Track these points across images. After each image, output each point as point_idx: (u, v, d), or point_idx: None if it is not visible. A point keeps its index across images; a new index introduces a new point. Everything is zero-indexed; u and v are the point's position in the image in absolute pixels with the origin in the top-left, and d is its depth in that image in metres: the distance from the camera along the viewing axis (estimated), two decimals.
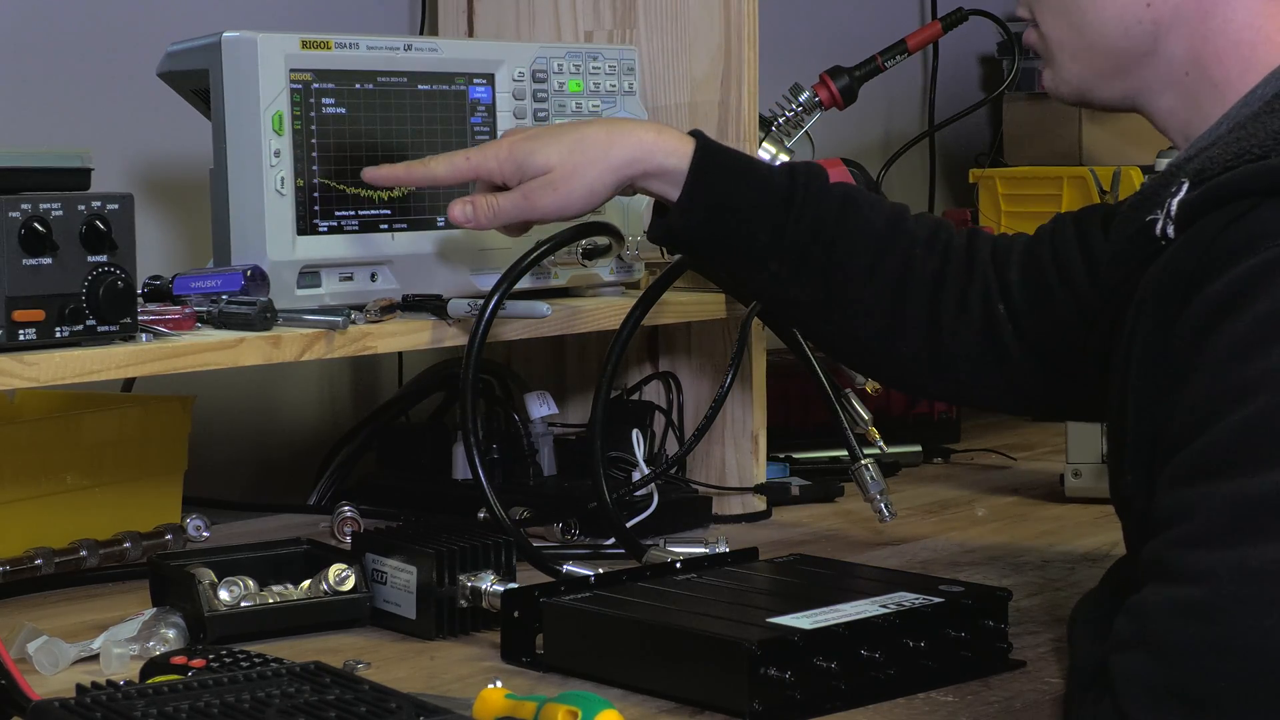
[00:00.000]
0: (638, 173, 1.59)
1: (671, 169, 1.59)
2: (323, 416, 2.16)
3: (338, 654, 1.40)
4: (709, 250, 1.63)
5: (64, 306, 1.40)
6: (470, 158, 1.62)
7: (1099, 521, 1.87)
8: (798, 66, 2.24)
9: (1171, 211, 1.20)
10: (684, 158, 1.59)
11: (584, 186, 1.59)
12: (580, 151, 1.59)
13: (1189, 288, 1.16)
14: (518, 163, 1.60)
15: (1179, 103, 1.33)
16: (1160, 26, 1.32)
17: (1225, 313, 1.12)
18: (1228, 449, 1.10)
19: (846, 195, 1.60)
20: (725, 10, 1.87)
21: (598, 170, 1.59)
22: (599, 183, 1.59)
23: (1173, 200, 1.20)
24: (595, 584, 1.41)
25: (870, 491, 1.79)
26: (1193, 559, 1.09)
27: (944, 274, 1.57)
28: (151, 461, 1.76)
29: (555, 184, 1.59)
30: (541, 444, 1.88)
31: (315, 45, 1.61)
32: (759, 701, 1.24)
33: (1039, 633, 1.46)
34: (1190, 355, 1.14)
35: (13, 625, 1.41)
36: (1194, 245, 1.17)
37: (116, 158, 1.94)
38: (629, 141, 1.59)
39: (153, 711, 1.08)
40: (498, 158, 1.61)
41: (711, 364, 1.92)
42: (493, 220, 1.61)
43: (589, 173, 1.59)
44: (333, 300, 1.62)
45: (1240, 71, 1.29)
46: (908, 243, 1.58)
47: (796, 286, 1.59)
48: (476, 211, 1.61)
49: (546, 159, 1.59)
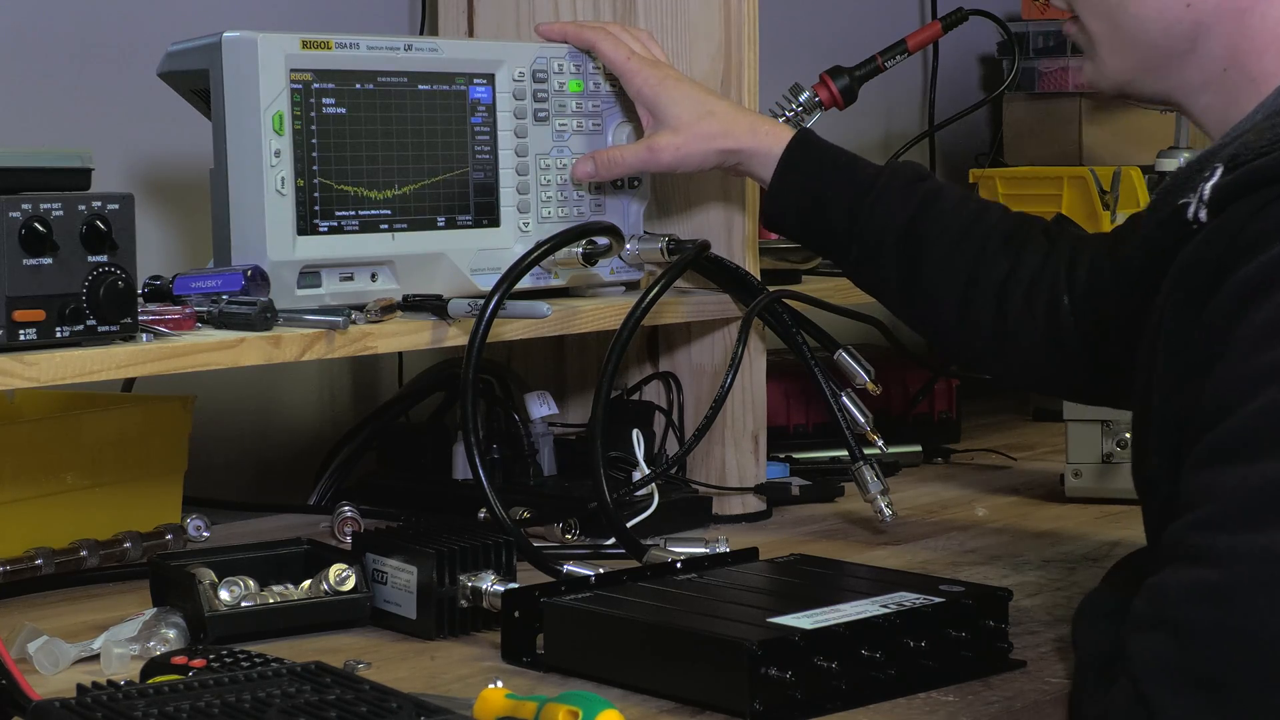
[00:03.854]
0: (736, 162, 1.76)
1: (765, 160, 1.74)
2: (323, 416, 2.16)
3: (338, 654, 1.40)
4: (798, 236, 1.79)
5: (64, 306, 1.40)
6: (630, 60, 1.78)
7: (1099, 521, 1.87)
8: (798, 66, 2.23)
9: (1204, 196, 1.20)
10: (775, 153, 1.73)
11: (699, 155, 1.76)
12: (709, 120, 1.75)
13: (1219, 272, 1.16)
14: (653, 98, 1.77)
15: (1217, 99, 1.34)
16: (1200, 26, 1.32)
17: (1254, 297, 1.12)
18: (1252, 432, 1.10)
19: (931, 191, 1.70)
20: (725, 10, 1.87)
21: (716, 146, 1.75)
22: (709, 160, 1.77)
23: (1205, 185, 1.20)
24: (595, 584, 1.41)
25: (870, 491, 1.79)
26: (1213, 542, 1.09)
27: (1015, 269, 1.64)
28: (151, 461, 1.76)
29: (679, 144, 1.75)
30: (541, 444, 1.88)
31: (315, 45, 1.61)
32: (760, 701, 1.24)
33: (1039, 633, 1.46)
34: (1217, 338, 1.14)
35: (13, 625, 1.41)
36: (1225, 229, 1.17)
37: (116, 158, 1.94)
38: (740, 131, 1.75)
39: (153, 711, 1.08)
40: (648, 83, 1.77)
41: (711, 364, 1.92)
42: (613, 172, 1.79)
43: (707, 146, 1.75)
44: (333, 300, 1.62)
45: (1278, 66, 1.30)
46: (983, 238, 1.66)
47: (877, 271, 1.71)
48: (599, 166, 1.79)
49: (677, 115, 1.76)
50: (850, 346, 1.82)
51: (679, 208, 1.93)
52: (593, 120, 1.82)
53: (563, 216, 1.79)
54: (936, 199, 1.69)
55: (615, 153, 1.79)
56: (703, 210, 1.91)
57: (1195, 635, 1.08)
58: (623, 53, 1.79)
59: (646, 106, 1.78)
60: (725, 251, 1.87)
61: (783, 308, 1.83)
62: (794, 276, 2.03)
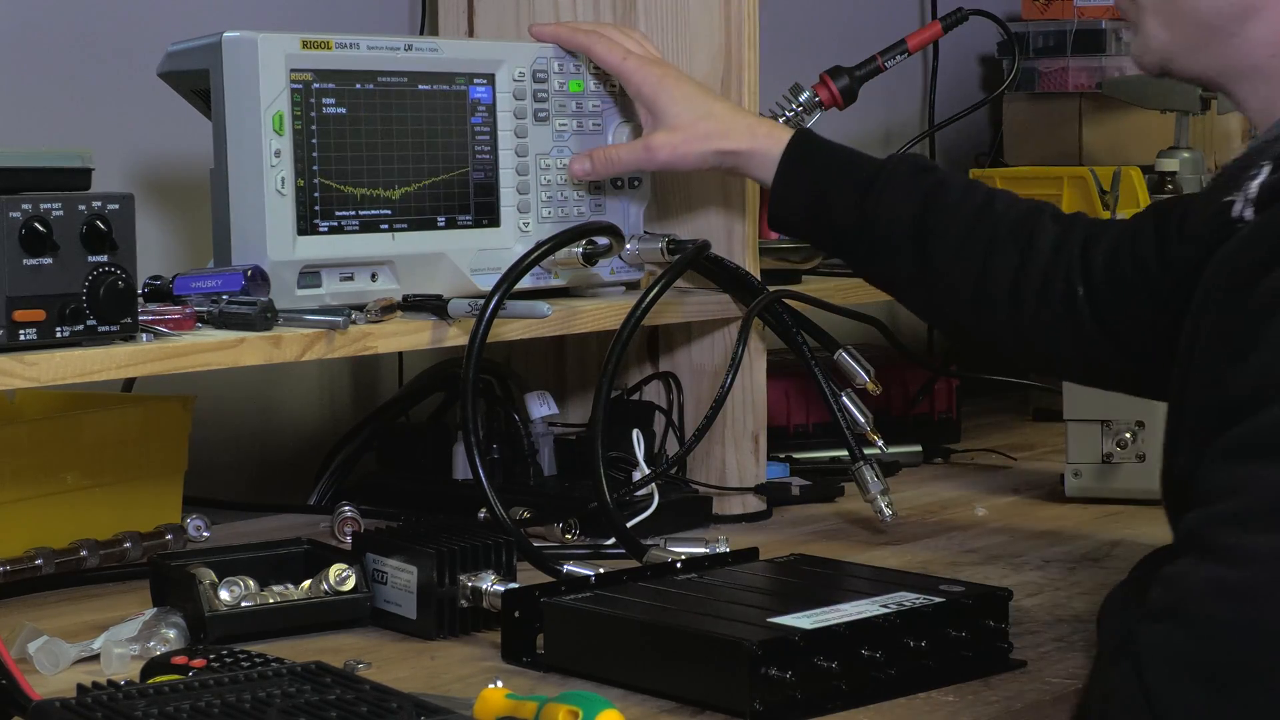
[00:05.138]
0: (733, 164, 1.76)
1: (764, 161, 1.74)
2: (323, 416, 2.16)
3: (338, 654, 1.40)
4: (806, 235, 1.80)
5: (64, 306, 1.40)
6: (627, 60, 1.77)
7: (1099, 521, 1.87)
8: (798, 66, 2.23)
9: (1250, 194, 1.20)
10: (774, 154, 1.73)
11: (696, 155, 1.76)
12: (707, 121, 1.75)
13: (1259, 269, 1.15)
14: (652, 97, 1.76)
15: (1261, 85, 1.33)
16: (1251, 9, 1.31)
17: None
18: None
19: (936, 182, 1.69)
20: (725, 10, 1.87)
21: (713, 146, 1.75)
22: (705, 160, 1.76)
23: (1252, 183, 1.20)
24: (595, 584, 1.41)
25: (870, 491, 1.79)
26: (1235, 539, 1.08)
27: (1026, 260, 1.63)
28: (151, 461, 1.76)
29: (676, 144, 1.75)
30: (541, 444, 1.88)
31: (315, 45, 1.61)
32: (760, 701, 1.24)
33: (1039, 633, 1.46)
34: (1253, 334, 1.13)
35: (13, 625, 1.41)
36: (1266, 230, 1.16)
37: (116, 158, 1.94)
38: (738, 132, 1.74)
39: (153, 711, 1.08)
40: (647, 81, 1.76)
41: (711, 364, 1.92)
42: (610, 170, 1.79)
43: (704, 146, 1.75)
44: (333, 300, 1.62)
45: None
46: (992, 229, 1.65)
47: (888, 265, 1.70)
48: (595, 164, 1.78)
49: (676, 114, 1.75)
50: (850, 346, 1.82)
51: (679, 208, 1.93)
52: (593, 120, 1.82)
53: (563, 216, 1.79)
54: (942, 189, 1.68)
55: (612, 151, 1.79)
56: (703, 210, 1.91)
57: (1208, 630, 1.07)
58: (618, 54, 1.78)
59: (645, 105, 1.78)
60: (725, 251, 1.87)
61: (783, 308, 1.83)
62: (794, 276, 2.03)
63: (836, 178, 1.72)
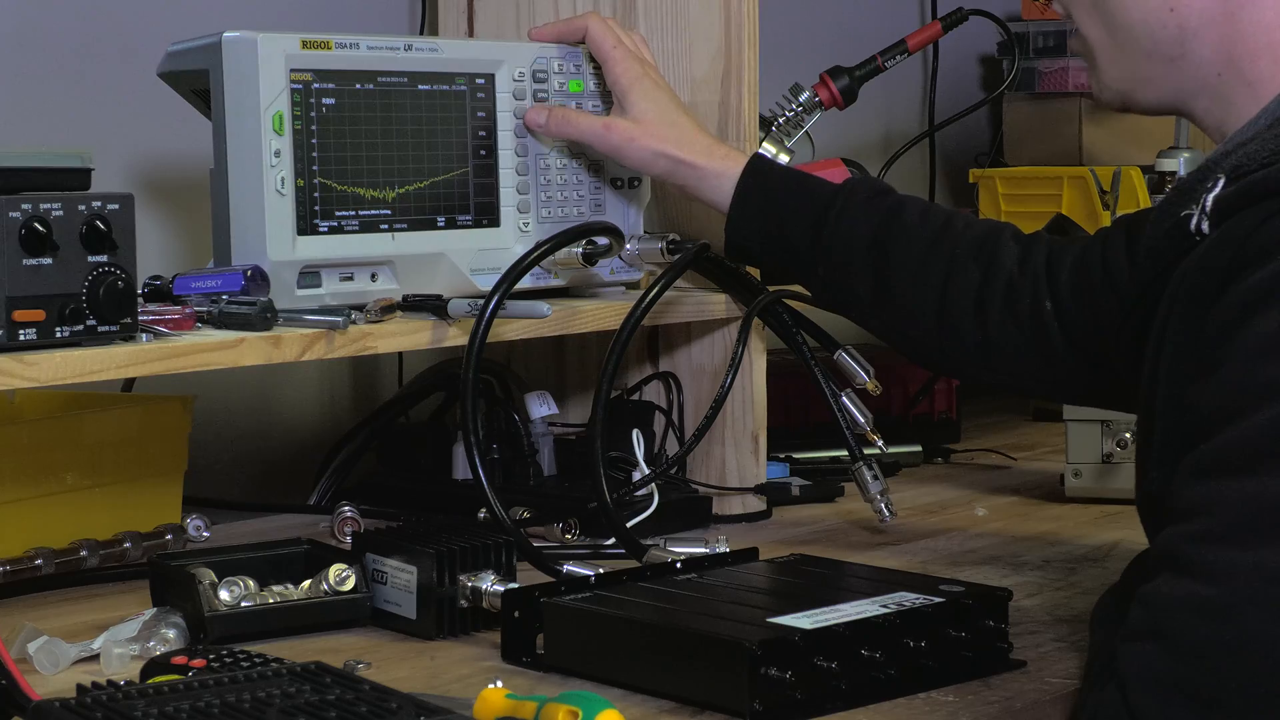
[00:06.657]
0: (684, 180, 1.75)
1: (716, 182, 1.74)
2: (323, 416, 2.16)
3: (338, 654, 1.40)
4: (763, 262, 1.79)
5: (64, 306, 1.40)
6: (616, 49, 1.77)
7: (1099, 521, 1.87)
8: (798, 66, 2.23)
9: (1207, 207, 1.20)
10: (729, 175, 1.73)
11: (649, 153, 1.74)
12: (670, 127, 1.74)
13: (1222, 283, 1.15)
14: (626, 88, 1.75)
15: (1214, 104, 1.33)
16: (1186, 31, 1.32)
17: (1256, 309, 1.12)
18: (1252, 447, 1.10)
19: (895, 203, 1.68)
20: (725, 10, 1.87)
21: (668, 150, 1.74)
22: (655, 162, 1.75)
23: (1208, 196, 1.20)
24: (595, 584, 1.41)
25: (870, 491, 1.79)
26: (1210, 556, 1.09)
27: (989, 277, 1.62)
28: (151, 461, 1.76)
29: (634, 135, 1.74)
30: (541, 444, 1.88)
31: (315, 45, 1.61)
32: (759, 701, 1.24)
33: (1039, 633, 1.46)
34: (1219, 350, 1.14)
35: (13, 625, 1.41)
36: (1228, 241, 1.16)
37: (116, 158, 1.94)
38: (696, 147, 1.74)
39: (153, 711, 1.08)
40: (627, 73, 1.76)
41: (711, 364, 1.92)
42: (561, 131, 1.75)
43: (658, 147, 1.74)
44: (333, 300, 1.62)
45: (1274, 70, 1.29)
46: (952, 248, 1.64)
47: (846, 288, 1.69)
48: (550, 120, 1.75)
49: (644, 110, 1.75)
50: (850, 346, 1.82)
51: (679, 208, 1.93)
52: None
53: (562, 216, 1.79)
54: (900, 210, 1.68)
55: (571, 113, 1.76)
56: (703, 210, 1.90)
57: (1188, 648, 1.08)
58: (610, 39, 1.78)
59: (618, 95, 1.77)
60: None
61: (783, 308, 1.83)
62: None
63: (793, 201, 1.71)
